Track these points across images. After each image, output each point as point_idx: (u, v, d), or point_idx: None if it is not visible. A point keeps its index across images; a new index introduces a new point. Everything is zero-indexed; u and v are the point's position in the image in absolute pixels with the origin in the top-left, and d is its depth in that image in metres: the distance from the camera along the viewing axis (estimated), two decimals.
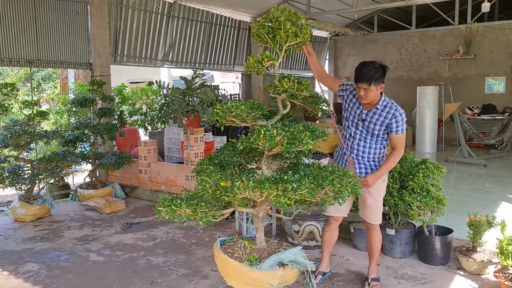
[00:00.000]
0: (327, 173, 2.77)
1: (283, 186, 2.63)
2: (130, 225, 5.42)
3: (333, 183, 2.68)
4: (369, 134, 3.30)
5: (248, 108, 2.93)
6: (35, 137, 5.75)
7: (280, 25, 2.85)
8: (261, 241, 3.17)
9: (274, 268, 2.94)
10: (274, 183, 2.64)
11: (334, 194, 2.70)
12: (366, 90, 3.15)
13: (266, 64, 2.93)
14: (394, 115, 3.20)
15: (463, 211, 4.89)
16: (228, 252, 3.15)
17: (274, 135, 2.68)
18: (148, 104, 9.31)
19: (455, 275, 3.77)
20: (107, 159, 6.52)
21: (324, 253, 3.69)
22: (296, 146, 2.68)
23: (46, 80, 15.75)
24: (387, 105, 3.24)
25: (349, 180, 2.76)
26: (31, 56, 6.50)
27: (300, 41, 2.95)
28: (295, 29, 2.86)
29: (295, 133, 2.70)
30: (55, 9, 6.71)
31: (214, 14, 10.18)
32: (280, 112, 3.08)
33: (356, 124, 3.34)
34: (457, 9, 11.51)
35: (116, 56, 8.19)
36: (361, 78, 3.15)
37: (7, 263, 4.23)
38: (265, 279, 2.92)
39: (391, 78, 13.01)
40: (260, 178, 2.74)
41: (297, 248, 3.05)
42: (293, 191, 2.62)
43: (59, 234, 5.10)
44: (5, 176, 5.54)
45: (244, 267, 2.95)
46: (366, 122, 3.28)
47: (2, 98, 5.75)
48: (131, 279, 3.82)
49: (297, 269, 3.01)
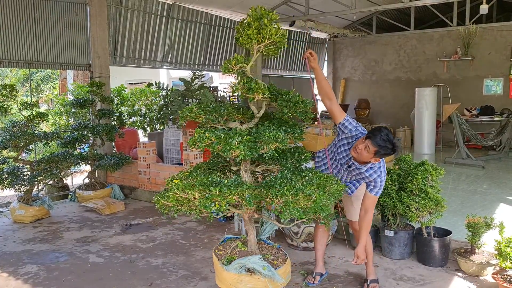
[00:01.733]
0: (308, 183, 2.75)
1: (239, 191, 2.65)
2: (129, 226, 5.42)
3: (310, 195, 2.65)
4: (353, 177, 3.42)
5: (200, 111, 2.93)
6: (34, 138, 5.75)
7: (251, 25, 2.83)
8: (251, 244, 3.19)
9: (241, 272, 2.97)
10: (230, 187, 2.67)
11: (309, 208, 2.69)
12: (367, 151, 3.08)
13: (235, 68, 2.92)
14: (375, 180, 3.23)
15: (462, 212, 4.91)
16: (219, 248, 3.25)
17: (228, 140, 2.69)
18: (147, 105, 9.31)
19: (453, 276, 3.79)
20: (106, 160, 6.52)
21: (317, 253, 3.72)
22: (257, 151, 2.69)
23: (45, 81, 15.73)
24: (373, 168, 3.24)
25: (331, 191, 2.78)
26: (30, 57, 6.51)
27: (274, 42, 2.89)
28: (269, 28, 2.80)
29: (257, 137, 2.71)
30: (55, 11, 6.71)
31: (213, 15, 10.19)
32: (255, 114, 3.09)
33: (343, 170, 3.40)
34: (455, 10, 11.54)
35: (116, 57, 8.19)
36: (372, 140, 3.06)
37: (6, 264, 4.23)
38: (231, 281, 3.01)
39: (389, 79, 13.05)
40: (227, 182, 2.77)
41: (256, 257, 3.02)
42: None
43: (58, 236, 5.10)
44: (4, 177, 5.53)
45: (218, 264, 3.08)
46: (351, 169, 3.32)
47: (1, 99, 5.75)
48: (130, 280, 3.83)
49: (266, 279, 2.94)
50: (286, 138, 2.78)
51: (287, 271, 3.15)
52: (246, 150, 2.67)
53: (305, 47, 13.65)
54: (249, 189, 2.74)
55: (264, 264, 2.94)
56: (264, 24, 2.77)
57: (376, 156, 3.10)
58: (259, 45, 2.86)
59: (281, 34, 2.86)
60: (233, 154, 2.69)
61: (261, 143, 2.73)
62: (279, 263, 3.14)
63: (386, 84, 13.14)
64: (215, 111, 2.92)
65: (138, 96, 9.23)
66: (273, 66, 12.72)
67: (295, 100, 2.93)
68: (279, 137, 2.74)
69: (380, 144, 3.03)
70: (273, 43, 2.89)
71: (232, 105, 3.10)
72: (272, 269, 2.94)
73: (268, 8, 10.95)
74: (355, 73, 13.82)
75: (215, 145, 2.73)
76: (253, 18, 2.82)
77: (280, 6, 10.37)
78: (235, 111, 3.06)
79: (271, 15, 2.82)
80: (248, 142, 2.71)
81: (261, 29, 2.79)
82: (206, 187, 2.70)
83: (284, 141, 2.75)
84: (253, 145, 2.73)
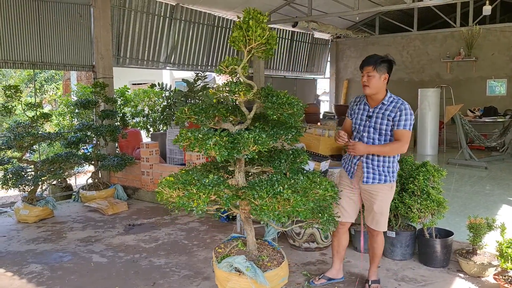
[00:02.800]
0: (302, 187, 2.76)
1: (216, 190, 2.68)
2: (132, 226, 5.45)
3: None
4: (376, 132, 3.27)
5: (191, 112, 2.96)
6: (38, 138, 5.79)
7: (242, 25, 2.83)
8: (250, 244, 3.20)
9: (231, 271, 2.99)
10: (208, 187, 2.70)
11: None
12: (370, 75, 3.20)
13: (228, 70, 2.94)
14: (400, 108, 3.20)
15: (464, 213, 4.92)
16: (220, 247, 3.29)
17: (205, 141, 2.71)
18: (150, 106, 9.35)
19: (455, 277, 3.79)
20: (110, 161, 6.55)
21: (334, 258, 3.66)
22: (239, 152, 2.70)
23: (49, 81, 15.81)
24: (394, 101, 3.26)
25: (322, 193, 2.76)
26: (34, 58, 6.55)
27: (263, 44, 2.89)
28: (254, 30, 2.79)
29: (238, 140, 2.71)
30: (59, 12, 6.76)
31: (216, 16, 10.22)
32: (246, 116, 3.10)
33: (363, 125, 3.32)
34: (458, 11, 11.53)
35: (119, 58, 8.23)
36: (366, 62, 3.24)
37: (10, 264, 4.27)
38: (222, 279, 3.08)
39: (392, 80, 12.92)
40: (210, 180, 2.79)
41: (240, 257, 3.04)
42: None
43: (62, 235, 5.14)
44: (8, 177, 5.58)
45: (214, 261, 3.15)
46: (373, 118, 3.28)
47: (6, 100, 5.80)
48: (133, 280, 3.85)
49: (249, 280, 2.95)
50: (268, 140, 2.76)
51: (279, 275, 3.11)
52: (223, 151, 2.68)
53: (307, 48, 13.66)
54: (227, 189, 2.75)
55: (247, 265, 2.94)
56: (249, 26, 2.77)
57: (380, 72, 3.20)
58: (248, 47, 2.87)
59: (268, 36, 2.84)
60: (210, 154, 2.71)
61: (240, 145, 2.72)
62: (273, 265, 3.11)
63: (389, 84, 13.10)
64: (204, 112, 2.94)
65: (141, 97, 9.28)
66: (276, 67, 12.74)
67: (280, 101, 2.89)
68: (260, 139, 2.72)
69: (372, 60, 3.19)
70: (262, 45, 2.88)
71: (225, 106, 3.10)
72: (257, 271, 2.92)
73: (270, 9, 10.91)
74: (358, 74, 13.70)
75: (193, 145, 2.75)
76: (243, 20, 2.83)
77: (283, 7, 10.40)
78: (227, 112, 3.06)
79: (259, 17, 2.81)
80: (225, 143, 2.71)
81: (248, 31, 2.80)
82: (185, 185, 2.71)
83: (264, 143, 2.73)
84: (232, 147, 2.72)
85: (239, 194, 2.84)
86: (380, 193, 3.32)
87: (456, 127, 8.68)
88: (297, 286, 3.66)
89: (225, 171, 3.35)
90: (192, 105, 2.98)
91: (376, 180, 3.29)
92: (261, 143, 2.71)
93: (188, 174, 2.99)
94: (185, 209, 2.71)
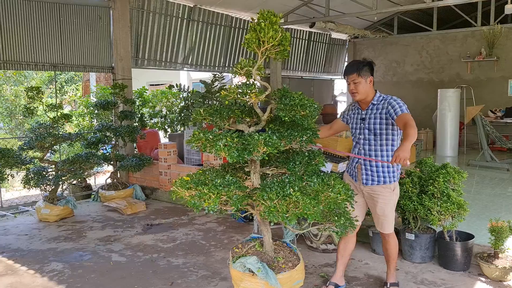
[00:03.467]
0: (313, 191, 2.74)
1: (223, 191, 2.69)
2: (150, 226, 5.51)
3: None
4: (371, 133, 3.27)
5: (206, 113, 3.00)
6: (59, 139, 5.90)
7: (256, 27, 2.82)
8: (266, 245, 3.20)
9: (245, 271, 3.00)
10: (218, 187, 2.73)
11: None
12: (355, 82, 3.24)
13: (242, 71, 2.95)
14: (389, 102, 3.21)
15: (485, 216, 4.82)
16: (238, 247, 3.30)
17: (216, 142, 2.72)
18: (168, 107, 9.44)
19: (476, 281, 3.73)
20: (128, 161, 6.63)
21: (338, 263, 3.58)
22: (250, 153, 2.70)
23: (69, 82, 16.09)
24: (383, 98, 3.28)
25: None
26: (55, 60, 6.68)
27: (278, 45, 2.87)
28: (271, 32, 2.78)
29: (248, 141, 2.70)
30: (79, 15, 6.88)
31: (233, 17, 10.25)
32: (261, 117, 3.09)
33: (359, 128, 3.36)
34: (479, 10, 11.33)
35: (137, 60, 8.33)
36: (348, 71, 3.29)
37: (32, 261, 4.36)
38: (236, 278, 3.09)
39: (411, 80, 12.90)
40: (222, 181, 2.81)
41: (252, 258, 3.04)
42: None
43: (82, 234, 5.22)
44: (30, 177, 5.70)
45: (230, 260, 3.16)
46: (366, 120, 3.30)
47: (28, 101, 5.92)
48: (152, 279, 3.89)
49: (260, 281, 2.94)
50: (279, 142, 2.75)
51: (294, 277, 3.08)
52: (233, 152, 2.69)
53: (325, 48, 13.59)
54: (238, 190, 2.76)
55: (259, 266, 2.94)
56: (262, 28, 2.77)
57: (365, 77, 3.23)
58: (262, 48, 2.88)
59: (281, 37, 2.83)
60: (221, 155, 2.73)
61: (250, 146, 2.72)
62: (288, 267, 3.10)
63: (407, 85, 12.97)
64: (218, 113, 2.95)
65: (159, 97, 9.37)
66: (293, 68, 12.71)
67: (293, 103, 2.86)
68: (270, 141, 2.71)
69: (354, 68, 3.23)
70: (275, 46, 2.87)
71: (240, 108, 3.10)
72: (269, 273, 2.91)
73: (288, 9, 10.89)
74: (376, 74, 13.53)
75: (204, 146, 2.77)
76: (256, 22, 2.83)
77: (300, 8, 10.37)
78: (242, 114, 3.07)
79: (272, 18, 2.80)
80: (236, 144, 2.72)
81: (260, 33, 2.80)
82: (197, 185, 2.73)
83: (274, 145, 2.72)
84: (242, 148, 2.73)
85: (252, 195, 2.85)
86: (380, 195, 3.29)
87: (477, 128, 8.53)
88: (314, 287, 3.64)
89: (243, 172, 3.36)
90: (208, 106, 3.01)
91: (375, 181, 3.28)
92: (271, 145, 2.71)
93: (204, 174, 3.01)
94: (196, 209, 2.74)
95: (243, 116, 3.06)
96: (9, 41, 6.15)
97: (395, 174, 3.31)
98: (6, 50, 6.14)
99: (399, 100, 3.20)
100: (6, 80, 12.59)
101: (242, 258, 3.04)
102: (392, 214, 3.39)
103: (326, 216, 2.95)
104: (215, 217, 5.82)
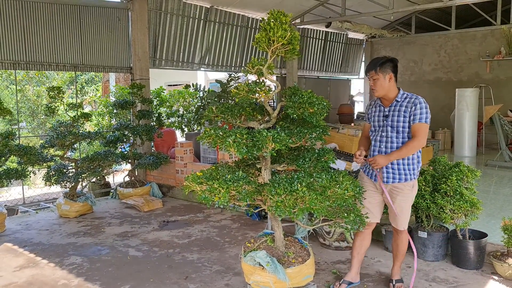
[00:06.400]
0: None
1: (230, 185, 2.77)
2: (166, 223, 5.62)
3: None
4: (394, 131, 3.29)
5: (218, 111, 3.09)
6: (79, 137, 6.06)
7: (266, 26, 2.88)
8: (277, 240, 3.26)
9: (255, 265, 3.07)
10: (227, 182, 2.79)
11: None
12: (374, 78, 3.28)
13: (253, 70, 3.01)
14: (414, 102, 3.23)
15: (500, 215, 4.77)
16: (250, 241, 3.39)
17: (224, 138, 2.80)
18: (185, 107, 9.56)
19: (489, 279, 3.72)
20: (146, 160, 6.77)
21: (354, 260, 3.60)
22: (260, 150, 2.76)
23: (89, 83, 16.41)
24: (407, 96, 3.30)
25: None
26: (76, 61, 6.87)
27: (286, 43, 2.92)
28: (280, 31, 2.84)
29: (257, 138, 2.76)
30: (98, 16, 7.06)
31: (249, 18, 10.33)
32: (271, 114, 3.15)
33: (381, 125, 3.36)
34: (499, 9, 11.15)
35: (155, 60, 8.48)
36: (368, 68, 3.34)
37: (53, 255, 4.51)
38: (247, 272, 3.18)
39: (429, 80, 12.77)
40: (232, 177, 2.88)
41: (262, 252, 3.10)
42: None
43: (100, 230, 5.36)
44: (51, 174, 5.88)
45: (242, 254, 3.25)
46: (389, 117, 3.31)
47: (50, 100, 6.10)
48: (167, 273, 3.99)
49: (269, 274, 3.00)
50: (287, 139, 2.81)
51: (303, 272, 3.13)
52: (242, 148, 2.75)
53: (341, 48, 13.57)
54: (247, 185, 2.82)
55: (268, 260, 3.01)
56: (271, 27, 2.83)
57: (383, 74, 3.24)
58: (272, 47, 2.93)
59: (291, 37, 2.88)
60: (230, 151, 2.81)
61: (259, 142, 2.78)
62: (297, 262, 3.15)
63: (425, 85, 12.85)
64: (230, 110, 3.03)
65: (176, 97, 9.50)
66: (309, 67, 12.72)
67: (301, 100, 2.92)
68: (278, 138, 2.77)
69: (372, 65, 3.27)
70: (285, 45, 2.92)
71: (251, 105, 3.17)
72: (278, 267, 2.97)
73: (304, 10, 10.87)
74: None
75: (214, 142, 2.85)
76: (266, 22, 2.89)
77: (317, 8, 10.39)
78: (253, 111, 3.13)
79: (282, 18, 2.86)
80: (245, 141, 2.79)
81: (270, 32, 2.86)
82: (208, 180, 2.81)
83: (282, 141, 2.78)
84: (252, 144, 2.79)
85: (261, 191, 2.92)
86: (400, 192, 3.31)
87: (495, 128, 8.41)
88: (327, 283, 3.69)
89: (255, 168, 3.43)
90: (220, 104, 3.10)
91: (397, 179, 3.29)
92: (280, 141, 2.77)
93: (216, 170, 3.09)
94: (207, 203, 2.82)
95: (254, 114, 3.13)
96: (32, 43, 6.36)
97: (415, 172, 3.33)
98: (29, 51, 6.35)
99: (423, 105, 3.21)
100: (29, 80, 12.94)
101: (252, 252, 3.11)
102: (408, 211, 3.41)
103: (336, 213, 2.99)
104: (230, 214, 5.90)
